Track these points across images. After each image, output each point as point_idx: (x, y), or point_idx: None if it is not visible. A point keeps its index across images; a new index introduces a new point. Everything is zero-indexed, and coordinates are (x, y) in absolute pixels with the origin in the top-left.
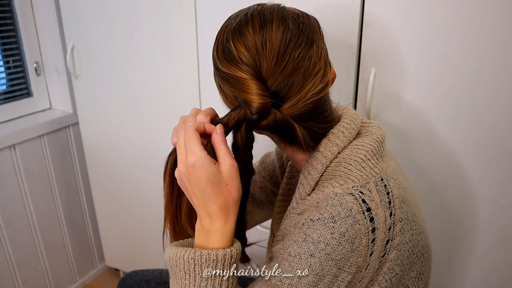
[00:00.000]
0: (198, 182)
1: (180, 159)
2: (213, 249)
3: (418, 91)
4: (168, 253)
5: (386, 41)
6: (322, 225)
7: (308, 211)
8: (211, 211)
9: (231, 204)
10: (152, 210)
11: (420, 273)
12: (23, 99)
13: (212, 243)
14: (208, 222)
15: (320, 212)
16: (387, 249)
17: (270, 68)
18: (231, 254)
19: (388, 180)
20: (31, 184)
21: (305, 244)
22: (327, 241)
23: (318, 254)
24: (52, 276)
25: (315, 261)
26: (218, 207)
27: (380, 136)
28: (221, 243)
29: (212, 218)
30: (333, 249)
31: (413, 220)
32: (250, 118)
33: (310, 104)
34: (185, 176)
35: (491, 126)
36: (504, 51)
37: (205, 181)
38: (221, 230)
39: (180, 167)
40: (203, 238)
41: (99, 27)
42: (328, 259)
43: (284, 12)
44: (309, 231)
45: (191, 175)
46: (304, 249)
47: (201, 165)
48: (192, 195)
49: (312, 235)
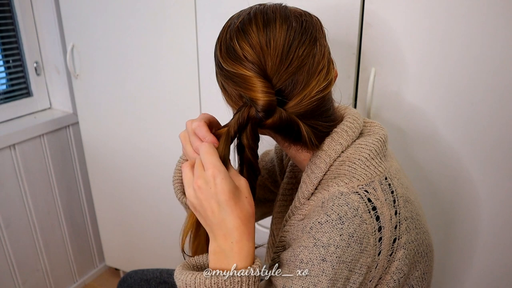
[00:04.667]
0: (220, 195)
1: (197, 175)
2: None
3: (418, 91)
4: (183, 279)
5: (386, 41)
6: (331, 227)
7: (314, 213)
8: (234, 226)
9: (251, 218)
10: (152, 210)
11: (424, 273)
12: (23, 99)
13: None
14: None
15: (327, 214)
16: (394, 248)
17: (275, 66)
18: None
19: (392, 179)
20: (31, 184)
21: (316, 249)
22: (337, 244)
23: (330, 258)
24: (52, 276)
25: (327, 265)
26: (241, 220)
27: (383, 135)
28: (246, 261)
29: (234, 234)
30: (343, 251)
31: (417, 219)
32: (255, 117)
33: (314, 102)
34: (203, 191)
35: (491, 126)
36: (504, 51)
37: (228, 193)
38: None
39: (198, 182)
40: (222, 260)
41: (99, 27)
42: (339, 262)
43: (287, 10)
44: (318, 235)
45: (211, 189)
46: (316, 254)
47: (224, 176)
48: (210, 212)
49: (322, 239)
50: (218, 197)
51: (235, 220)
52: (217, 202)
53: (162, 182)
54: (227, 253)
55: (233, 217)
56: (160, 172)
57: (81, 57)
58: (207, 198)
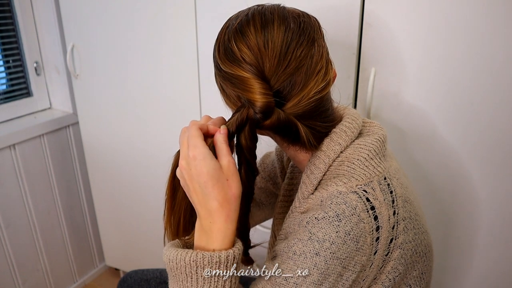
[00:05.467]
0: (199, 177)
1: (182, 155)
2: (214, 251)
3: (418, 91)
4: (167, 255)
5: (386, 41)
6: (327, 223)
7: (313, 210)
8: (212, 208)
9: (232, 200)
10: (152, 210)
11: (422, 273)
12: (23, 99)
13: (213, 244)
14: (208, 221)
15: (325, 211)
16: (390, 248)
17: (273, 67)
18: (233, 255)
19: (391, 179)
20: (31, 184)
21: (310, 242)
22: (332, 240)
23: (324, 253)
24: (52, 276)
25: (320, 259)
26: (219, 203)
27: (382, 135)
28: (223, 243)
29: (213, 215)
30: (338, 248)
31: (416, 219)
32: (253, 118)
33: (312, 103)
34: (186, 171)
35: (491, 126)
36: (504, 51)
37: (206, 175)
38: (222, 229)
39: (182, 162)
40: (203, 238)
41: (99, 27)
42: (333, 258)
43: (285, 11)
44: (314, 229)
45: (192, 170)
46: (309, 247)
47: (202, 158)
48: (192, 191)
49: (317, 234)
50: (199, 178)
51: (212, 202)
52: (197, 183)
53: (162, 182)
54: (207, 233)
55: (211, 199)
56: (160, 172)
57: (81, 57)
58: (189, 178)
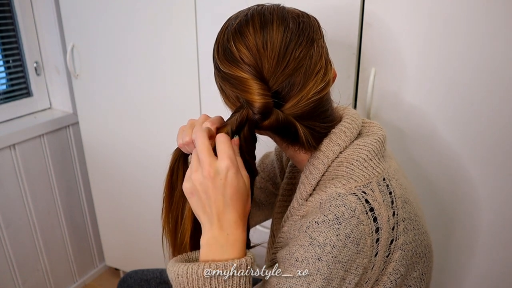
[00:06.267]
0: (226, 189)
1: (208, 162)
2: (228, 260)
3: (418, 91)
4: (174, 271)
5: (386, 41)
6: (327, 227)
7: (312, 213)
8: (232, 219)
9: (247, 213)
10: (152, 210)
11: (422, 274)
12: (23, 99)
13: (228, 254)
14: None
15: (324, 214)
16: (391, 249)
17: (272, 68)
18: (246, 263)
19: (390, 180)
20: (31, 184)
21: (312, 248)
22: (333, 243)
23: (325, 258)
24: (52, 276)
25: (322, 264)
26: (239, 216)
27: (381, 136)
28: (238, 252)
29: (231, 227)
30: (340, 251)
31: (416, 220)
32: (252, 118)
33: (311, 103)
34: (211, 180)
35: (491, 126)
36: (504, 51)
37: (236, 188)
38: (240, 239)
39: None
40: (216, 251)
41: (99, 27)
42: (335, 262)
43: (284, 12)
44: (314, 234)
45: (221, 181)
46: (311, 253)
47: (236, 171)
48: (213, 203)
49: (318, 238)
50: (226, 190)
51: (234, 214)
52: (222, 195)
53: (162, 182)
54: (222, 244)
55: (233, 211)
56: (160, 172)
57: (81, 57)
58: (215, 188)
